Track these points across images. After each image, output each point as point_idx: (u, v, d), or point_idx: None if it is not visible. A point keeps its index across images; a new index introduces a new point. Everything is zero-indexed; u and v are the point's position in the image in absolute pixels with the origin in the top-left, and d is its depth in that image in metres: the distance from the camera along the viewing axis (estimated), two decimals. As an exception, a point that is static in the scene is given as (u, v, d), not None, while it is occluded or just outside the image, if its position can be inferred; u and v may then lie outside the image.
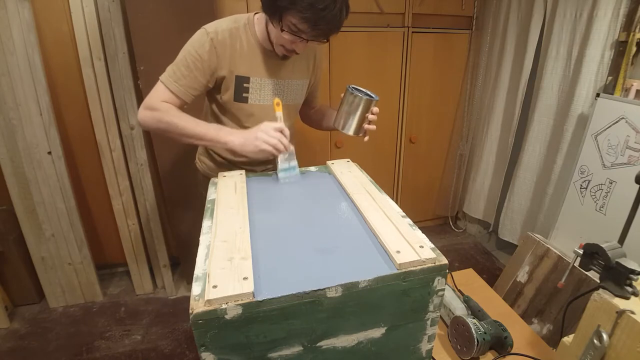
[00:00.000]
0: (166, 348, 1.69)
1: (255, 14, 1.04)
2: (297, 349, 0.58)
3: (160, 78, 0.98)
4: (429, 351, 0.69)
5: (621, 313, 0.62)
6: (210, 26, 0.98)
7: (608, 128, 1.55)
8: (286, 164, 0.94)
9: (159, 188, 1.91)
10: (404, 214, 0.75)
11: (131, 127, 1.76)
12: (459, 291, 1.10)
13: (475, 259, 2.41)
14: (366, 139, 1.03)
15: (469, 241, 2.60)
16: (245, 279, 0.54)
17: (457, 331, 0.91)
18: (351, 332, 0.60)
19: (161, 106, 0.95)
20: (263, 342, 0.55)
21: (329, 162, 1.03)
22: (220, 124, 1.09)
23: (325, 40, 0.95)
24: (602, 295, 0.66)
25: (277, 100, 1.01)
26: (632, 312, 0.61)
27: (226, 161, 1.15)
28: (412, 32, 2.13)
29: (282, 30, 0.91)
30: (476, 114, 2.42)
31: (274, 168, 1.11)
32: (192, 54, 0.96)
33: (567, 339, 0.75)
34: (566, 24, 1.75)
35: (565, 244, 1.69)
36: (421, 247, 0.62)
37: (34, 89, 1.59)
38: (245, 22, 1.02)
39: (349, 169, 0.98)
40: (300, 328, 0.56)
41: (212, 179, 0.93)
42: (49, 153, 1.68)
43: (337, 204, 0.83)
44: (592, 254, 0.72)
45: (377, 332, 0.62)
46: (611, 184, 1.54)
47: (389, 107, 2.28)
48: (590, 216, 1.62)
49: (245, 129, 1.07)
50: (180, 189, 1.84)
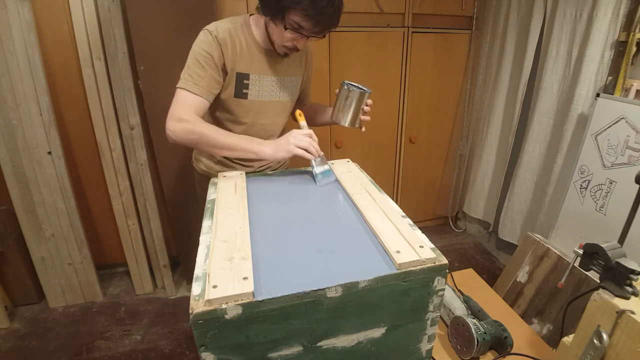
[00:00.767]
0: (166, 348, 1.69)
1: (250, 15, 1.08)
2: (297, 349, 0.58)
3: (178, 86, 0.98)
4: (429, 351, 0.69)
5: (621, 313, 0.62)
6: (211, 26, 1.01)
7: (608, 128, 1.55)
8: (321, 168, 0.97)
9: (159, 188, 1.91)
10: (404, 214, 0.75)
11: (131, 127, 1.76)
12: (459, 291, 1.10)
13: (475, 259, 2.41)
14: (363, 129, 1.08)
15: (469, 241, 2.60)
16: (245, 279, 0.54)
17: (457, 331, 0.91)
18: (351, 332, 0.60)
19: (190, 117, 0.96)
20: (263, 342, 0.55)
21: (329, 162, 1.03)
22: (215, 119, 1.11)
23: (323, 36, 0.99)
24: (602, 295, 0.66)
25: (299, 112, 1.07)
26: (632, 312, 0.61)
27: (224, 158, 1.17)
28: (412, 32, 2.13)
29: (285, 29, 0.95)
30: (476, 113, 2.42)
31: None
32: (202, 54, 0.98)
33: (567, 339, 0.75)
34: (566, 24, 1.75)
35: (565, 244, 1.69)
36: (421, 247, 0.62)
37: (34, 89, 1.59)
38: (242, 23, 1.05)
39: (349, 169, 0.99)
40: (300, 328, 0.56)
41: (212, 179, 0.94)
42: (49, 153, 1.68)
43: (337, 204, 0.83)
44: (592, 254, 0.72)
45: (377, 332, 0.62)
46: (611, 184, 1.54)
47: (389, 107, 2.28)
48: (590, 216, 1.62)
49: (242, 124, 1.11)
50: (180, 189, 1.84)
